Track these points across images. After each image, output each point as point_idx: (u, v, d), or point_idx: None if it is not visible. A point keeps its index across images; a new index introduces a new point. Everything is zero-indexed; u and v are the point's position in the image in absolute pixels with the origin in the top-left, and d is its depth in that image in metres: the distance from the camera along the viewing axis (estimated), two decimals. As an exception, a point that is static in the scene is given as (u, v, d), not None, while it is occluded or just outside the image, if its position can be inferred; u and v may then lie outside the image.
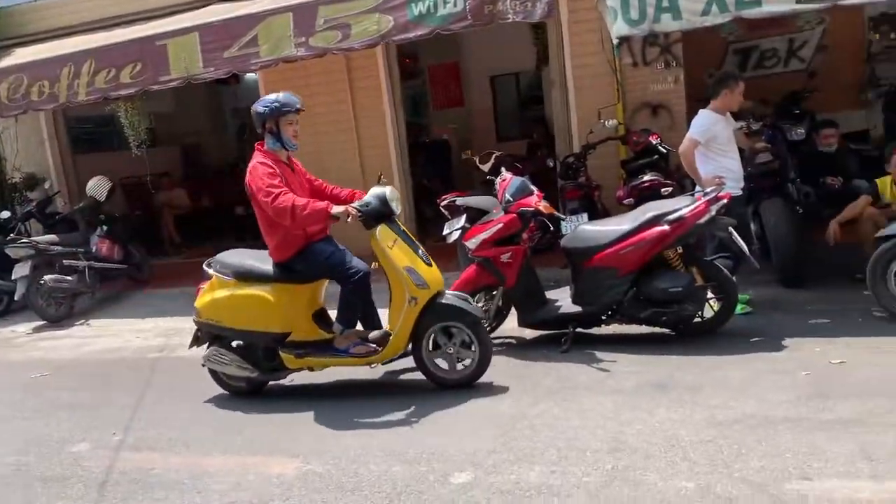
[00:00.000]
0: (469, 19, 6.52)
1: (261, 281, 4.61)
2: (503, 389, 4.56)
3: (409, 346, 4.60)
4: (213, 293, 4.77)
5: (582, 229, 5.20)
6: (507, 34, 10.12)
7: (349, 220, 4.33)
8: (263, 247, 4.73)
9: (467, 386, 4.57)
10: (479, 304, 5.30)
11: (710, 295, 5.08)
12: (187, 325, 5.11)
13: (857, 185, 6.51)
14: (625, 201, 6.50)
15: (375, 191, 4.56)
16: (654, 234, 4.84)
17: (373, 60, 8.76)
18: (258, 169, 4.45)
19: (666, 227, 4.81)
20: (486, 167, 7.68)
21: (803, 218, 6.31)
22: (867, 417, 3.65)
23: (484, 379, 4.64)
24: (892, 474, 3.12)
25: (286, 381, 5.01)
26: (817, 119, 8.18)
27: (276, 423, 4.50)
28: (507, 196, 5.07)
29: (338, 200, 4.66)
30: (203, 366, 4.90)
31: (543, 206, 4.95)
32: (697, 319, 5.05)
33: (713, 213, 4.81)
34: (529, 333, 5.46)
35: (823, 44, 10.38)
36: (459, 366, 4.60)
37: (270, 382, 4.98)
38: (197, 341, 4.98)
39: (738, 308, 5.33)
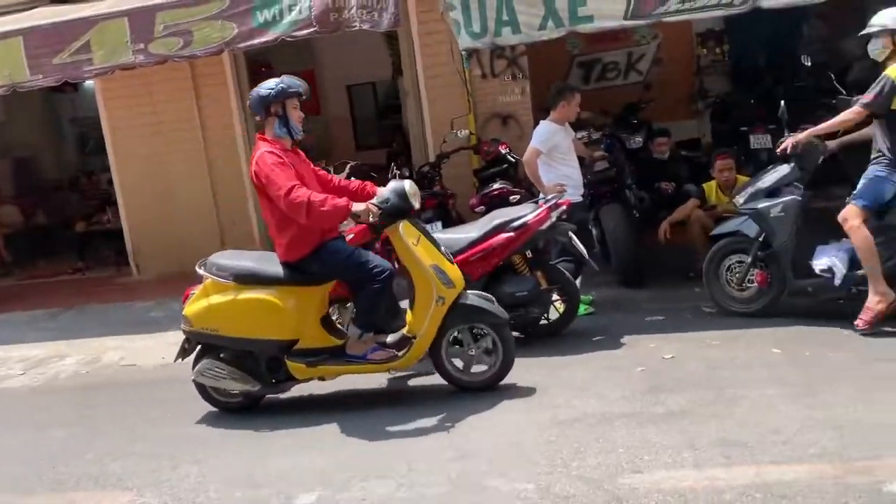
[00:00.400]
0: (315, 26, 6.44)
1: (265, 284, 4.22)
2: (356, 405, 4.51)
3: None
4: (207, 299, 4.32)
5: (435, 238, 5.25)
6: (362, 43, 10.12)
7: (371, 218, 4.07)
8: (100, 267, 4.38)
9: (489, 389, 4.36)
10: (334, 318, 5.22)
11: (555, 297, 5.27)
12: (14, 354, 4.74)
13: (688, 189, 6.99)
14: (477, 209, 6.63)
15: (393, 186, 4.26)
16: (500, 241, 4.96)
17: (220, 68, 8.48)
18: (266, 158, 4.10)
19: (511, 234, 4.95)
20: (340, 177, 7.61)
21: (640, 221, 6.72)
22: (693, 409, 3.91)
23: (338, 397, 4.57)
24: (712, 462, 3.34)
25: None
26: (653, 128, 8.74)
27: (109, 453, 4.22)
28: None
29: (346, 194, 4.37)
30: (193, 381, 4.46)
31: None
32: (544, 322, 5.23)
33: (554, 219, 5.00)
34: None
35: (658, 57, 11.12)
36: (476, 368, 4.40)
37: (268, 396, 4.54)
38: (184, 353, 4.52)
39: (581, 309, 5.57)
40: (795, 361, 4.38)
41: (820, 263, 4.89)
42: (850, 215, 4.68)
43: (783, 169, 5.05)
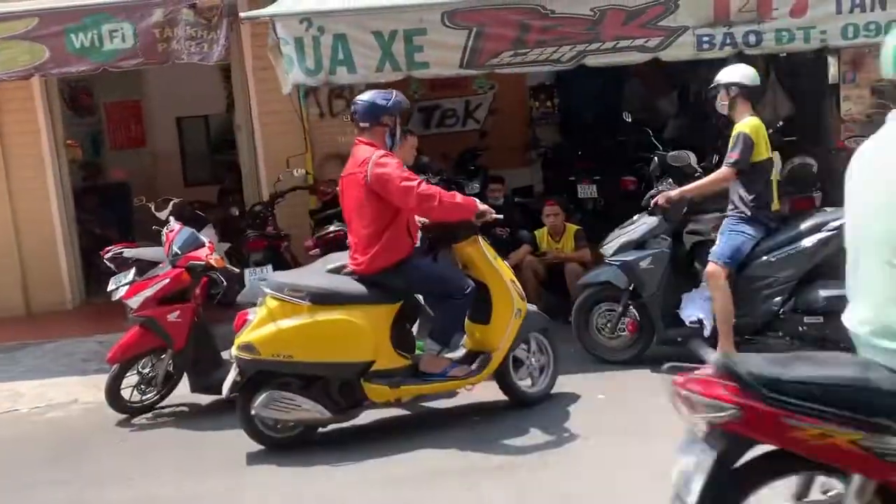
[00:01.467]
0: (141, 57, 6.01)
1: (341, 304, 4.01)
2: (170, 466, 4.09)
3: None
4: (275, 323, 3.95)
5: (260, 283, 4.95)
6: (194, 74, 9.61)
7: (482, 220, 4.21)
8: None
9: (541, 402, 4.48)
10: (145, 371, 4.76)
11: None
12: None
13: (521, 235, 7.14)
14: (312, 252, 6.39)
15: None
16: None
17: (28, 92, 7.69)
18: (388, 160, 4.12)
19: (345, 280, 4.75)
20: (162, 214, 7.09)
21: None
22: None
23: (146, 452, 4.13)
24: None
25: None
26: (488, 175, 8.95)
27: None
28: (175, 249, 4.65)
29: None
30: (254, 416, 4.02)
31: (215, 259, 4.61)
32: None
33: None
34: (206, 399, 5.02)
35: (494, 107, 11.50)
36: (528, 381, 4.53)
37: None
38: (235, 386, 4.03)
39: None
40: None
41: (689, 315, 4.96)
42: (715, 274, 4.68)
43: (650, 221, 5.11)
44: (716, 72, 5.09)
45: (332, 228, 6.42)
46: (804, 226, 4.72)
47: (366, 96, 4.34)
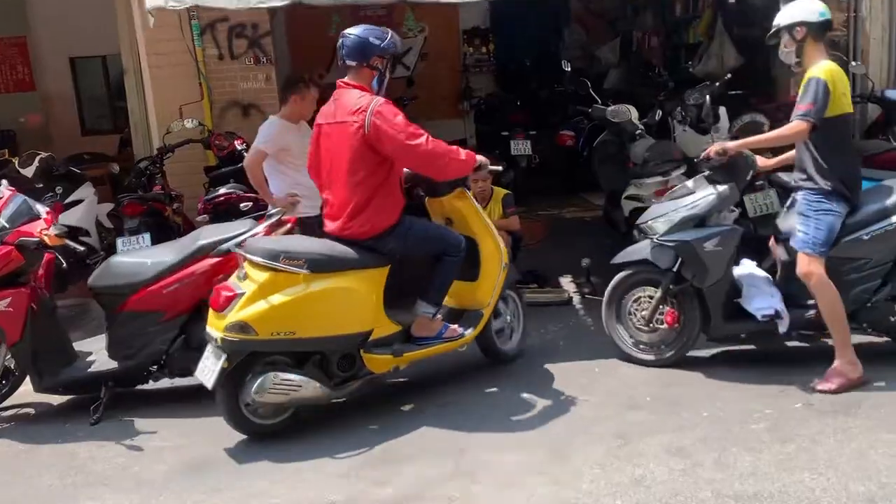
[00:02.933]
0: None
1: (339, 270, 3.63)
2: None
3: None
4: (268, 299, 3.46)
5: (115, 262, 4.11)
6: (87, 7, 8.47)
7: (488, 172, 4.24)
8: None
9: (516, 360, 4.33)
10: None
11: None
12: None
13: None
14: (199, 218, 5.51)
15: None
16: (205, 268, 3.95)
17: None
18: (389, 109, 3.64)
19: (219, 259, 3.94)
20: (28, 171, 6.10)
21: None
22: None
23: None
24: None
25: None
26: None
27: None
28: (2, 221, 3.75)
29: None
30: (250, 404, 3.54)
31: (50, 235, 3.73)
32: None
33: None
34: (57, 399, 4.20)
35: (425, 52, 10.62)
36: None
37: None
38: (223, 374, 3.45)
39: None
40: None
41: (761, 307, 3.96)
42: (815, 269, 3.73)
43: (721, 191, 4.04)
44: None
45: (222, 190, 5.54)
46: (890, 200, 3.88)
47: (356, 30, 3.79)
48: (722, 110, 6.66)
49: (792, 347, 4.23)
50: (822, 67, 3.73)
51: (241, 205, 5.42)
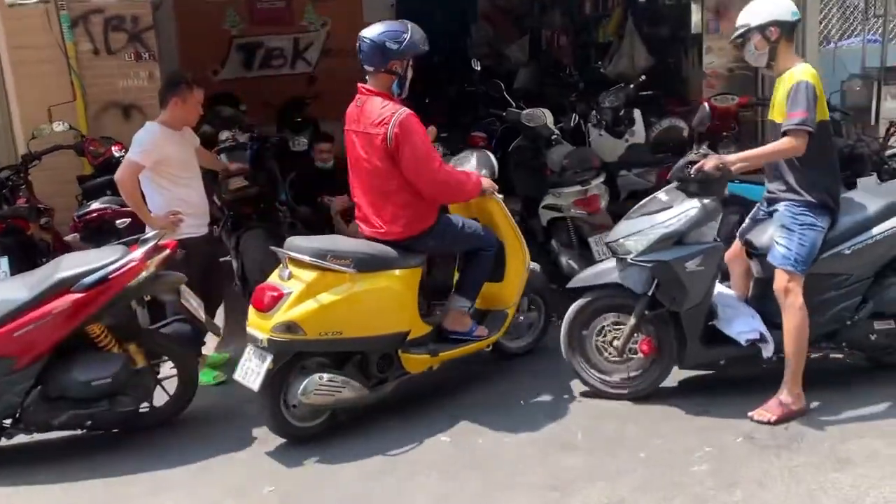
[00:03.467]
0: None
1: (381, 269, 3.64)
2: None
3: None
4: (316, 298, 3.46)
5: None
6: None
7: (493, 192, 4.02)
8: None
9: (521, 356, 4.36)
10: None
11: (168, 373, 3.80)
12: None
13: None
14: (69, 237, 4.83)
15: (481, 159, 4.32)
16: (65, 306, 3.34)
17: None
18: (411, 124, 3.54)
19: (82, 295, 3.35)
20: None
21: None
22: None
23: None
24: None
25: None
26: (319, 129, 7.61)
27: None
28: None
29: None
30: (295, 406, 3.50)
31: None
32: (146, 409, 3.72)
33: (152, 268, 3.50)
34: None
35: (328, 47, 10.05)
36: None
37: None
38: (269, 375, 3.38)
39: (208, 377, 4.20)
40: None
41: (743, 331, 3.63)
42: (793, 287, 3.43)
43: (706, 206, 3.59)
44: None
45: (95, 205, 4.87)
46: (873, 209, 3.62)
47: (372, 33, 3.57)
48: (637, 113, 6.48)
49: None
50: (804, 70, 3.45)
51: (118, 221, 4.79)
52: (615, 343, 3.75)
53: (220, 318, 4.66)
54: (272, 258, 4.74)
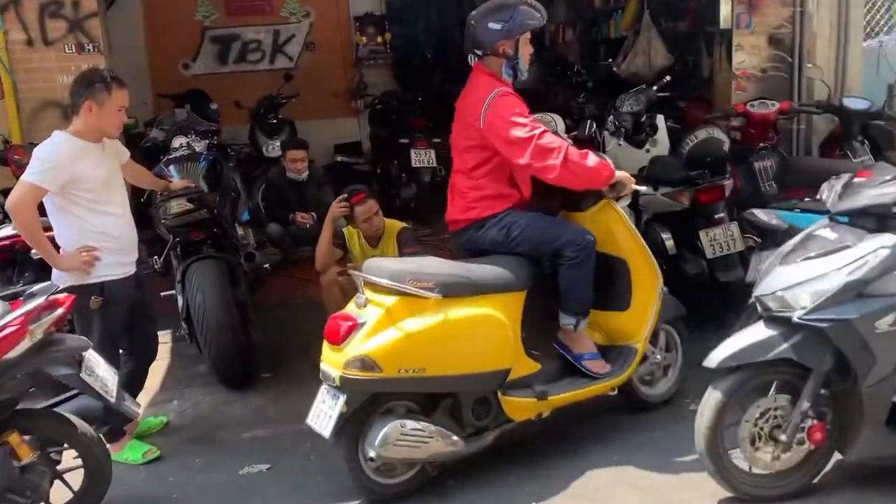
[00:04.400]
0: None
1: (473, 293, 3.05)
2: None
3: None
4: (397, 327, 2.89)
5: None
6: None
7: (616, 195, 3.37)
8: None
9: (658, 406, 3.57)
10: None
11: (70, 463, 2.92)
12: None
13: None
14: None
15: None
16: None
17: None
18: (507, 101, 3.20)
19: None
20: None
21: (255, 279, 4.60)
22: None
23: None
24: None
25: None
26: (294, 134, 6.76)
27: None
28: None
29: None
30: (372, 460, 2.91)
31: None
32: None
33: (40, 334, 2.61)
34: None
35: (311, 40, 9.17)
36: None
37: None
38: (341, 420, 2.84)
39: (136, 453, 3.34)
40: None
41: None
42: None
43: (887, 243, 2.69)
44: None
45: (5, 231, 3.97)
46: None
47: (476, 14, 3.30)
48: (660, 120, 5.60)
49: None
50: None
51: (34, 251, 3.88)
52: (775, 433, 2.80)
53: (158, 375, 3.80)
54: (224, 295, 3.93)
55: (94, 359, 2.80)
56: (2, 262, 3.88)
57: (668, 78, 5.77)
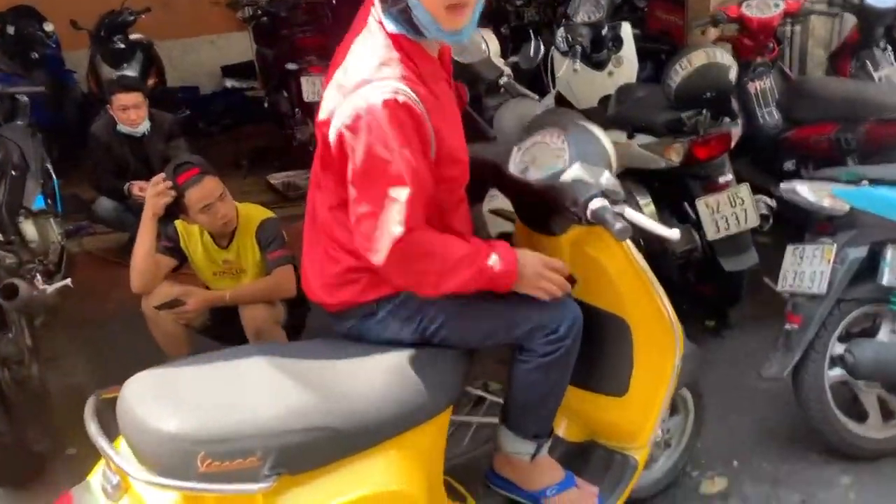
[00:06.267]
0: None
1: (352, 449, 1.62)
2: None
3: None
4: None
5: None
6: None
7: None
8: None
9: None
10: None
11: None
12: None
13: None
14: None
15: (578, 135, 1.86)
16: None
17: None
18: (383, 117, 1.59)
19: None
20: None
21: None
22: None
23: None
24: None
25: None
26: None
27: None
28: None
29: None
30: None
31: None
32: None
33: None
34: None
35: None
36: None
37: None
38: None
39: None
40: None
41: None
42: None
43: None
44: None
45: None
46: None
47: None
48: (625, 29, 4.17)
49: None
50: None
51: None
52: None
53: None
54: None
55: None
56: None
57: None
